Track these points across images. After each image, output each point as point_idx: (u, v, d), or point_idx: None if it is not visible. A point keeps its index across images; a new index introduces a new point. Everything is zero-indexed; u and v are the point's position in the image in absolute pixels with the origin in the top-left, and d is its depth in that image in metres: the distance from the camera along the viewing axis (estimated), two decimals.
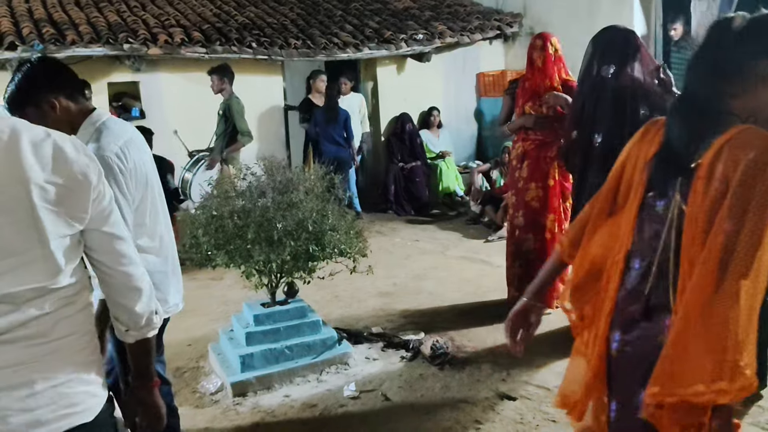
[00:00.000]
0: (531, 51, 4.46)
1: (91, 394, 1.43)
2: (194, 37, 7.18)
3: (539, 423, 3.03)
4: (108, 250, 1.46)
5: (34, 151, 1.31)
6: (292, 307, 3.81)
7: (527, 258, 4.49)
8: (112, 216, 1.45)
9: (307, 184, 3.70)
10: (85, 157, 1.39)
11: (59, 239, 1.34)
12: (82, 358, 1.42)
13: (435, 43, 8.50)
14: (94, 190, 1.39)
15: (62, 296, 1.37)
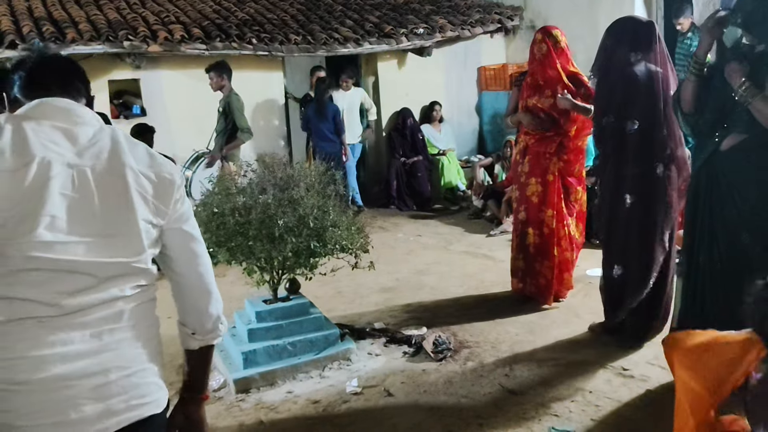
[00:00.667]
0: (532, 45, 4.47)
1: (158, 385, 1.47)
2: (194, 34, 7.17)
3: (542, 418, 3.03)
4: (185, 249, 1.55)
5: (130, 145, 1.48)
6: (294, 304, 3.81)
7: (528, 252, 4.49)
8: (191, 219, 1.56)
9: (308, 180, 3.69)
10: (171, 165, 1.55)
11: (145, 223, 1.44)
12: (151, 348, 1.47)
13: (436, 37, 8.48)
14: (178, 191, 1.51)
15: (139, 283, 1.45)
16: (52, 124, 1.40)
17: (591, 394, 3.23)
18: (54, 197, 1.31)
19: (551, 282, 4.45)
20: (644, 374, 3.39)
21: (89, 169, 1.39)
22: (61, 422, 1.30)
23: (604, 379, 3.38)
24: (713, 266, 3.07)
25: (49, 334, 1.30)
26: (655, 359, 3.50)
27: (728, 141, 2.97)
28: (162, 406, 1.47)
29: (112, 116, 6.76)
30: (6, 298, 1.29)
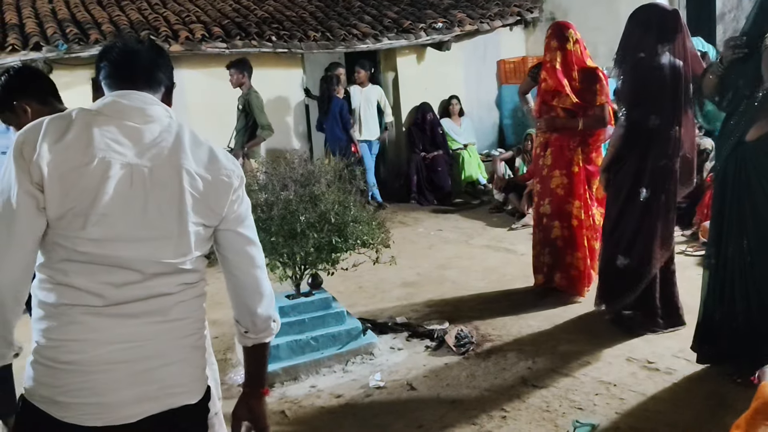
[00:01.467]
0: (546, 51, 4.41)
1: (196, 377, 1.53)
2: (214, 33, 7.23)
3: (565, 411, 3.02)
4: (240, 251, 1.57)
5: (192, 148, 1.50)
6: (317, 299, 3.84)
7: (555, 245, 4.47)
8: (248, 220, 1.58)
9: (328, 176, 3.71)
10: (232, 165, 1.56)
11: (195, 225, 1.48)
12: (192, 341, 1.52)
13: (454, 31, 8.45)
14: (234, 193, 1.53)
15: (184, 281, 1.49)
16: (120, 122, 1.45)
17: (615, 387, 3.21)
18: (108, 196, 1.38)
19: (584, 273, 4.43)
20: (669, 367, 3.36)
21: (147, 169, 1.43)
22: (99, 403, 1.39)
23: (628, 371, 3.36)
24: (743, 258, 3.03)
25: (96, 320, 1.39)
26: (681, 352, 3.47)
27: (754, 131, 2.92)
28: (197, 397, 1.51)
29: None
30: (60, 284, 1.40)
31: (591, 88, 4.29)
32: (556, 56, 4.31)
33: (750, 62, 2.93)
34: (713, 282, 3.19)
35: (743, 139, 2.96)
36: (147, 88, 1.54)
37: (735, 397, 3.01)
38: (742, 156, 2.99)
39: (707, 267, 3.24)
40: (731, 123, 3.04)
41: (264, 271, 1.62)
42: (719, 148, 3.21)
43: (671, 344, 3.59)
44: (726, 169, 3.07)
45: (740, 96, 2.99)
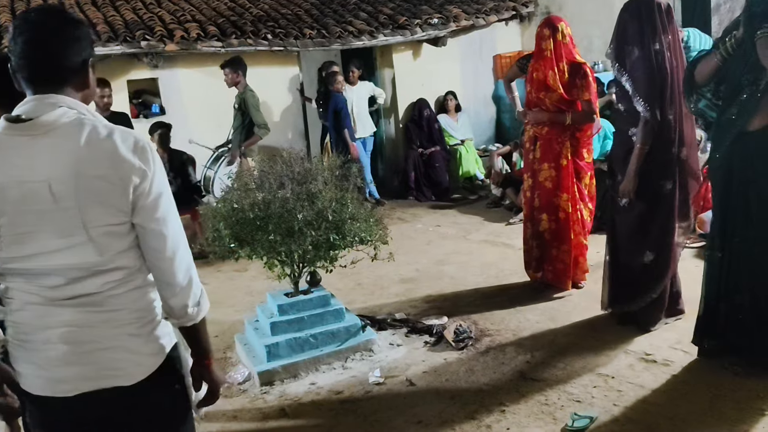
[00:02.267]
0: (538, 39, 4.40)
1: (135, 362, 1.60)
2: (210, 32, 7.22)
3: (564, 404, 3.04)
4: (149, 243, 1.58)
5: (91, 146, 1.49)
6: (316, 296, 3.85)
7: (542, 238, 4.48)
8: (157, 213, 1.56)
9: (325, 174, 3.72)
10: (135, 158, 1.52)
11: (103, 227, 1.51)
12: (130, 330, 1.59)
13: (450, 26, 8.44)
14: (138, 188, 1.51)
15: (110, 279, 1.55)
16: (20, 138, 1.50)
17: (613, 379, 3.23)
18: (18, 216, 1.49)
19: (569, 267, 4.44)
20: (667, 358, 3.38)
21: (46, 183, 1.48)
22: (42, 376, 1.58)
23: (626, 364, 3.37)
24: (749, 250, 3.02)
25: (40, 308, 1.56)
26: (678, 343, 3.49)
27: (759, 119, 2.90)
28: (134, 380, 1.59)
29: (132, 116, 6.85)
30: (6, 283, 1.59)
31: (577, 82, 4.30)
32: (549, 44, 4.31)
33: (751, 50, 2.88)
34: (717, 274, 3.15)
35: (746, 128, 2.93)
36: (50, 87, 1.54)
37: (732, 387, 3.02)
38: (746, 146, 2.96)
39: (711, 259, 3.19)
40: (733, 112, 2.99)
41: (174, 264, 1.59)
42: (719, 138, 3.13)
43: (668, 336, 3.61)
44: (730, 159, 3.03)
45: (740, 84, 2.96)
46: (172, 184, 6.26)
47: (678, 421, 2.81)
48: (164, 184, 1.58)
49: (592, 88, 4.40)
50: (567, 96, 4.30)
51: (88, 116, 1.55)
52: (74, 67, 1.58)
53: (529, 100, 4.53)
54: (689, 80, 3.24)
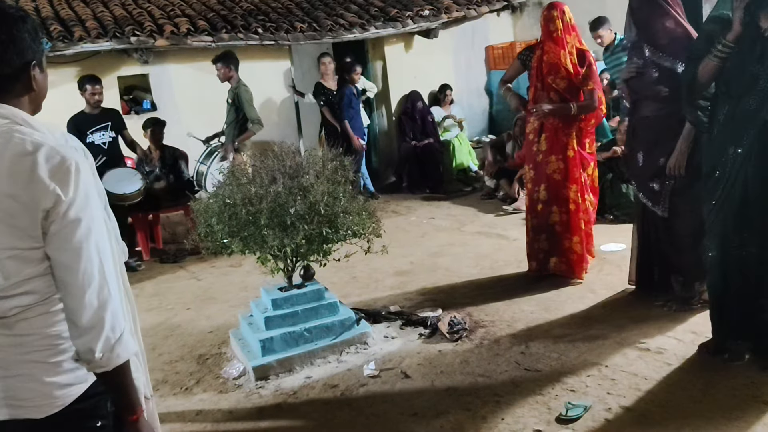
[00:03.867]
0: (546, 21, 4.38)
1: (44, 394, 1.47)
2: (200, 26, 7.18)
3: (558, 393, 3.05)
4: (57, 276, 1.44)
5: (12, 162, 1.38)
6: (309, 290, 3.85)
7: (553, 231, 4.48)
8: (67, 243, 1.41)
9: (317, 167, 3.71)
10: (53, 183, 1.38)
11: (8, 250, 1.39)
12: (39, 357, 1.46)
13: (441, 18, 8.42)
14: (50, 213, 1.38)
15: (18, 304, 1.42)
16: None
17: (607, 368, 3.24)
18: None
19: (582, 256, 4.46)
20: (660, 347, 3.39)
21: None
22: None
23: (620, 353, 3.38)
24: None
25: None
26: (671, 332, 3.50)
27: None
28: (44, 413, 1.46)
29: (123, 112, 6.82)
30: None
31: (582, 71, 4.31)
32: (558, 24, 4.32)
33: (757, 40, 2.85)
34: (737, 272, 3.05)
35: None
36: None
37: (726, 375, 3.04)
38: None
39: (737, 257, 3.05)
40: (750, 103, 2.89)
41: (86, 299, 1.42)
42: (735, 131, 2.97)
43: (662, 324, 3.62)
44: (749, 152, 2.91)
45: (755, 75, 2.87)
46: (163, 179, 6.31)
47: (671, 409, 2.82)
48: (85, 213, 1.41)
49: (596, 77, 4.42)
50: (572, 80, 4.30)
51: (22, 128, 1.42)
52: (10, 74, 1.45)
53: (535, 94, 4.50)
54: (692, 84, 3.18)
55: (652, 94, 3.69)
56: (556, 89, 4.37)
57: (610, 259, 4.88)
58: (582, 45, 4.44)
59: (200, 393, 3.46)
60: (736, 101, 2.96)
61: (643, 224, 3.96)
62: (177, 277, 5.64)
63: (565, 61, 4.30)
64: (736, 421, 2.67)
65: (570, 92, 4.35)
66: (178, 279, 5.58)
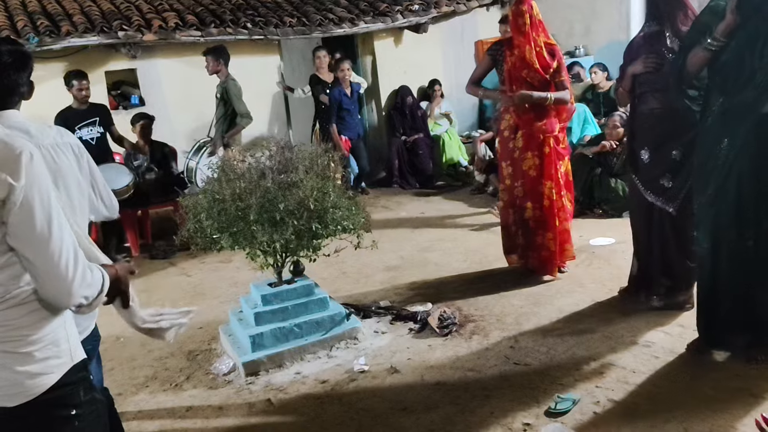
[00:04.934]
0: (515, 17, 4.37)
1: (15, 382, 1.50)
2: (188, 21, 7.15)
3: (547, 387, 3.07)
4: (28, 267, 1.48)
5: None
6: (299, 286, 3.85)
7: (527, 226, 4.50)
8: (29, 233, 1.45)
9: (306, 162, 3.70)
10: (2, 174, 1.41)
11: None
12: (9, 347, 1.50)
13: (431, 12, 8.42)
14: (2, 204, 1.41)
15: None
16: None
17: (595, 361, 3.26)
18: None
19: (554, 253, 4.47)
20: (648, 340, 3.42)
21: None
22: None
23: (608, 346, 3.41)
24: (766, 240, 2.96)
25: None
26: (658, 325, 3.53)
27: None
28: (15, 402, 1.50)
29: (111, 107, 6.78)
30: None
31: (552, 63, 4.34)
32: (526, 19, 4.31)
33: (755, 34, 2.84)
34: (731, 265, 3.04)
35: (765, 110, 2.85)
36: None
37: (711, 368, 3.07)
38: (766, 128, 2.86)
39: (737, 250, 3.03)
40: (748, 96, 2.88)
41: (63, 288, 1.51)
42: (729, 124, 2.96)
43: (649, 318, 3.65)
44: (744, 145, 2.90)
45: (751, 69, 2.86)
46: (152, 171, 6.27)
47: (658, 401, 2.85)
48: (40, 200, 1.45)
49: (566, 70, 4.47)
50: (543, 74, 4.32)
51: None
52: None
53: (510, 89, 4.49)
54: (680, 73, 3.18)
55: (666, 86, 3.48)
56: (530, 83, 4.37)
57: (599, 253, 4.91)
58: (550, 40, 4.46)
59: (190, 389, 3.46)
60: (733, 94, 2.95)
61: (645, 223, 3.75)
62: (166, 273, 5.62)
63: (530, 57, 4.30)
64: (722, 413, 2.70)
65: (544, 87, 4.37)
66: (168, 275, 5.56)
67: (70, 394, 1.57)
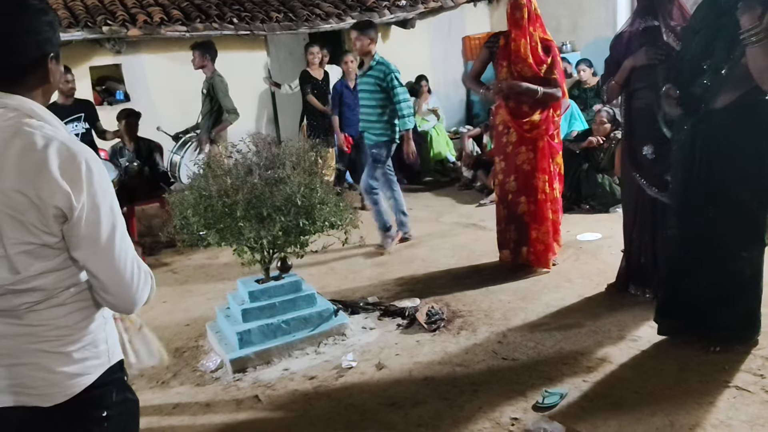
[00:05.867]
0: (513, 10, 4.38)
1: (53, 383, 1.47)
2: (174, 16, 7.09)
3: (535, 382, 3.07)
4: (91, 277, 1.47)
5: (20, 157, 1.35)
6: (287, 282, 3.83)
7: (521, 221, 4.51)
8: (85, 242, 1.42)
9: (293, 158, 3.69)
10: (63, 181, 1.36)
11: (21, 245, 1.38)
12: (49, 347, 1.47)
13: (418, 8, 8.41)
14: (63, 215, 1.38)
15: (28, 300, 1.42)
16: None
17: (583, 356, 3.28)
18: None
19: (549, 246, 4.49)
20: (635, 334, 3.44)
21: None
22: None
23: (595, 341, 3.42)
24: (709, 229, 3.06)
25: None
26: (645, 320, 3.55)
27: (723, 98, 2.93)
28: (51, 402, 1.47)
29: (96, 103, 6.71)
30: None
31: (546, 60, 4.34)
32: (524, 13, 4.31)
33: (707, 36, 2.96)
34: (677, 253, 3.22)
35: (712, 106, 2.95)
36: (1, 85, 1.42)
37: (698, 361, 3.09)
38: (710, 123, 2.99)
39: (670, 238, 3.27)
40: (696, 92, 3.00)
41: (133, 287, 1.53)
42: (682, 117, 3.13)
43: (636, 313, 3.67)
44: (695, 137, 3.05)
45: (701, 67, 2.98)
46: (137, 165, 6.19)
47: (645, 395, 2.87)
48: (104, 209, 1.42)
49: (560, 68, 4.45)
50: (536, 70, 4.32)
51: (32, 121, 1.41)
52: (27, 66, 1.43)
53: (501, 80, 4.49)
54: None
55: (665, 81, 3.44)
56: (523, 77, 4.38)
57: (586, 248, 4.94)
58: (546, 35, 4.46)
59: (177, 386, 3.43)
60: (685, 88, 3.06)
61: (646, 219, 3.73)
62: (153, 270, 5.56)
63: (525, 51, 4.31)
64: (707, 406, 2.72)
65: (536, 82, 4.37)
66: (154, 272, 5.48)
67: (103, 395, 1.55)
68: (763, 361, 3.02)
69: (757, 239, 3.07)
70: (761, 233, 3.09)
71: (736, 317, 3.11)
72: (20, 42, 1.41)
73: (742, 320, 3.12)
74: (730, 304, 3.09)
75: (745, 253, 3.04)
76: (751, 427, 2.56)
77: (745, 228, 3.04)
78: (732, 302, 3.09)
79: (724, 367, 3.02)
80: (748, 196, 2.98)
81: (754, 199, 2.98)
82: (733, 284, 3.08)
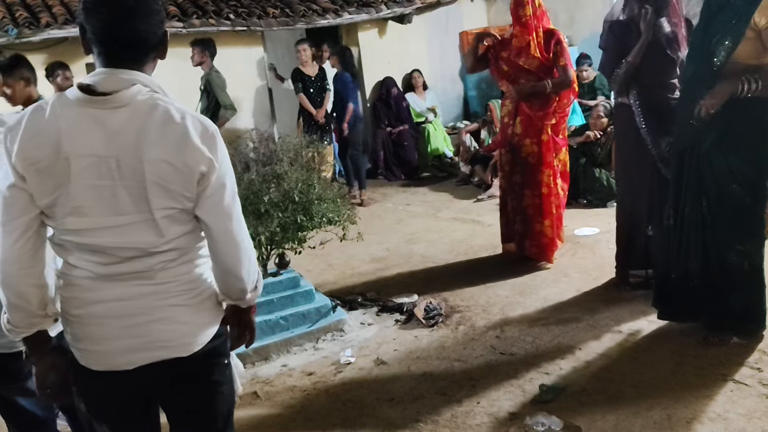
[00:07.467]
0: (516, 7, 4.36)
1: (186, 333, 1.60)
2: (170, 12, 7.06)
3: (533, 376, 3.08)
4: (211, 237, 1.58)
5: (162, 129, 1.48)
6: (285, 278, 3.83)
7: (525, 214, 4.51)
8: (220, 205, 1.54)
9: (291, 154, 3.68)
10: (205, 148, 1.49)
11: (165, 210, 1.50)
12: (179, 301, 1.58)
13: (416, 3, 8.40)
14: (203, 179, 1.50)
15: (164, 260, 1.54)
16: (90, 110, 1.47)
17: (581, 350, 3.28)
18: (78, 189, 1.46)
19: (553, 240, 4.50)
20: (632, 328, 3.44)
21: (114, 159, 1.46)
22: (98, 351, 1.57)
23: (592, 335, 3.43)
24: (702, 218, 3.08)
25: (90, 283, 1.55)
26: (642, 313, 3.55)
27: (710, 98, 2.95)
28: (189, 351, 1.59)
29: None
30: (61, 256, 1.57)
31: (552, 49, 4.33)
32: (528, 10, 4.31)
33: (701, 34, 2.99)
34: (671, 242, 3.23)
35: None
36: (128, 64, 1.51)
37: (695, 354, 3.10)
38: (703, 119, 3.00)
39: (665, 227, 3.29)
40: (690, 88, 3.05)
41: (241, 254, 1.61)
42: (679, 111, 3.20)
43: (633, 307, 3.68)
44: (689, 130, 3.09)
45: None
46: None
47: (642, 389, 2.87)
48: (228, 177, 1.55)
49: (567, 53, 4.42)
50: (542, 59, 4.32)
51: (162, 96, 1.53)
52: (155, 43, 1.55)
53: (505, 72, 4.49)
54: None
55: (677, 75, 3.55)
56: (528, 70, 4.37)
57: (583, 243, 4.94)
58: (550, 26, 4.45)
59: None
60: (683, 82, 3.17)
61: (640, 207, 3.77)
62: None
63: (534, 49, 4.30)
64: (704, 399, 2.73)
65: (543, 71, 4.36)
66: None
67: (223, 344, 1.69)
68: (761, 354, 3.03)
69: (754, 234, 3.08)
70: (758, 229, 3.09)
71: (735, 309, 3.11)
72: (151, 22, 1.53)
73: (742, 312, 3.12)
74: (725, 296, 3.10)
75: (739, 246, 3.05)
76: (748, 420, 2.57)
77: (737, 222, 3.05)
78: (728, 294, 3.10)
79: (720, 360, 3.03)
80: (737, 192, 2.99)
81: (745, 195, 2.99)
82: (728, 276, 3.09)
